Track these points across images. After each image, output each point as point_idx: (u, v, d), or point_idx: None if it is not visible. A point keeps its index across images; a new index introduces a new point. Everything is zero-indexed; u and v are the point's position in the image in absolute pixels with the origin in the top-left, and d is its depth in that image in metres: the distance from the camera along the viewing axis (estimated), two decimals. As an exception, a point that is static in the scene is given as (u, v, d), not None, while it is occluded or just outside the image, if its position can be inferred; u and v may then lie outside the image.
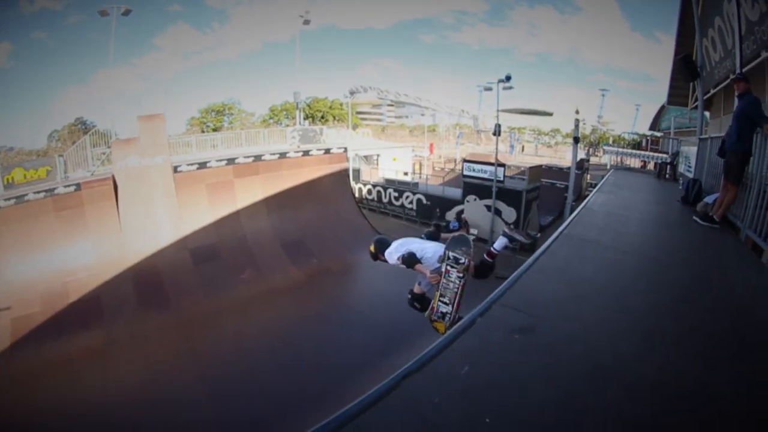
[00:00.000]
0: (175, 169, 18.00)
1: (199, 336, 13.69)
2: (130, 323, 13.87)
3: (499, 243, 5.48)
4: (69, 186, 15.75)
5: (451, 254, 4.86)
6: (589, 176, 36.36)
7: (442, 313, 4.93)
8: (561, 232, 5.53)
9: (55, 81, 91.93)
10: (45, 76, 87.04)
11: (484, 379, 2.26)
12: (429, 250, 5.46)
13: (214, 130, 57.19)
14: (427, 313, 5.35)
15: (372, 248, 5.88)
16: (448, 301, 4.87)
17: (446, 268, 4.90)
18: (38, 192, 15.19)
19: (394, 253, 5.55)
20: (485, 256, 5.41)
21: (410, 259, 5.26)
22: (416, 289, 5.97)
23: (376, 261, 5.93)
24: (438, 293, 5.03)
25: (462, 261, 4.80)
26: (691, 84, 16.13)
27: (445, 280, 4.90)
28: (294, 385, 10.88)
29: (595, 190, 10.94)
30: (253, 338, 13.37)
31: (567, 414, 2.12)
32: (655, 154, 21.70)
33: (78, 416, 9.78)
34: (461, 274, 4.83)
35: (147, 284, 15.42)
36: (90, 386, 11.11)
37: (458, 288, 4.87)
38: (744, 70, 9.45)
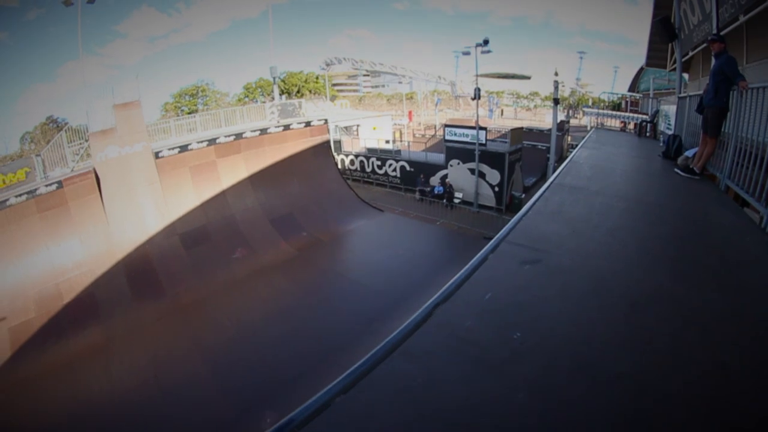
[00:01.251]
0: (157, 155, 17.81)
1: (197, 319, 13.75)
2: (128, 316, 13.82)
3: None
4: (50, 185, 15.46)
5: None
6: (569, 138, 36.74)
7: None
8: (552, 182, 5.74)
9: (20, 81, 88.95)
10: (8, 77, 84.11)
11: (506, 302, 2.50)
12: None
13: (189, 113, 56.20)
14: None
15: None
16: None
17: None
18: (19, 195, 14.84)
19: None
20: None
21: None
22: None
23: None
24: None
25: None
26: (670, 46, 16.25)
27: None
28: (296, 352, 11.15)
29: (578, 146, 11.16)
30: (251, 313, 13.57)
31: (581, 323, 2.39)
32: (635, 115, 21.97)
33: (87, 417, 9.85)
34: None
35: (140, 274, 15.36)
36: (95, 385, 11.12)
37: None
38: (720, 33, 9.62)
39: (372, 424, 1.59)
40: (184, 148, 18.78)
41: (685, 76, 16.84)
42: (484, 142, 22.88)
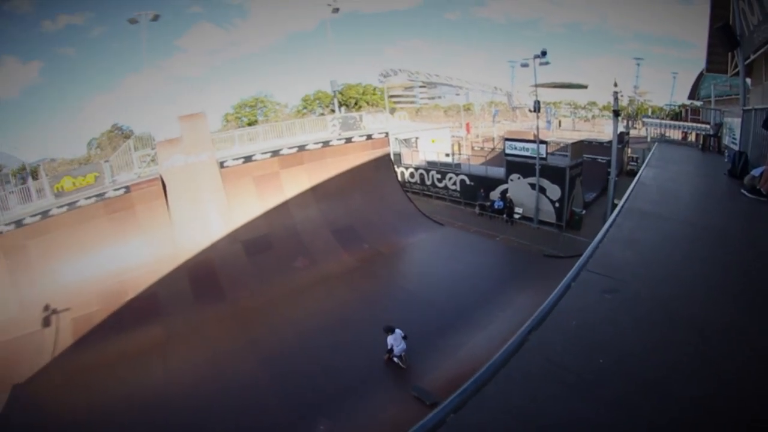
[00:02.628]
0: (221, 165, 18.64)
1: (256, 324, 14.16)
2: (188, 316, 14.41)
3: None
4: (118, 189, 16.54)
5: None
6: (629, 150, 35.65)
7: None
8: (622, 206, 5.80)
9: (84, 91, 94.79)
10: (74, 88, 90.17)
11: (591, 329, 2.76)
12: None
13: (249, 124, 58.13)
14: None
15: None
16: None
17: None
18: (89, 197, 16.02)
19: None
20: None
21: None
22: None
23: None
24: None
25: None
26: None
27: None
28: (354, 362, 11.33)
29: (644, 164, 11.00)
30: (310, 321, 13.84)
31: (655, 350, 2.62)
32: (697, 125, 21.17)
33: (141, 407, 10.31)
34: None
35: (202, 278, 16.01)
36: (152, 378, 11.68)
37: None
38: None
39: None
40: (248, 159, 19.57)
41: (748, 80, 16.04)
42: (544, 156, 22.60)
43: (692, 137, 20.42)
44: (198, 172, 17.79)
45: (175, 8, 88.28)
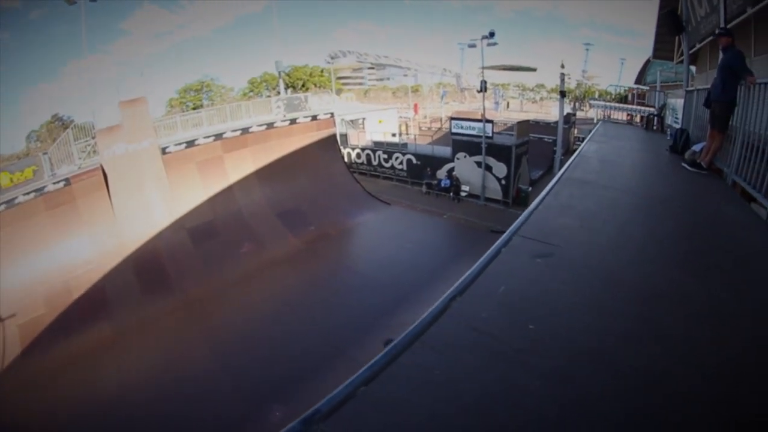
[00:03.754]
0: (164, 151, 17.97)
1: (206, 313, 13.88)
2: (137, 311, 13.96)
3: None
4: (58, 182, 15.61)
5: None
6: (576, 130, 36.61)
7: None
8: (561, 176, 5.76)
9: (24, 80, 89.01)
10: (12, 77, 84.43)
11: (520, 295, 2.57)
12: None
13: (194, 108, 56.32)
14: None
15: None
16: None
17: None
18: (28, 193, 14.99)
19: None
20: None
21: None
22: None
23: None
24: None
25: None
26: (677, 38, 16.10)
27: None
28: (307, 346, 11.24)
29: (586, 139, 11.16)
30: (260, 307, 13.69)
31: (593, 316, 2.46)
32: (642, 108, 21.87)
33: (97, 412, 9.93)
34: None
35: (149, 270, 15.51)
36: (106, 379, 11.22)
37: None
38: (728, 26, 9.54)
39: (396, 413, 1.65)
40: (190, 144, 18.94)
41: (692, 68, 16.71)
42: (490, 135, 22.86)
43: (637, 119, 21.07)
44: (140, 160, 17.06)
45: None
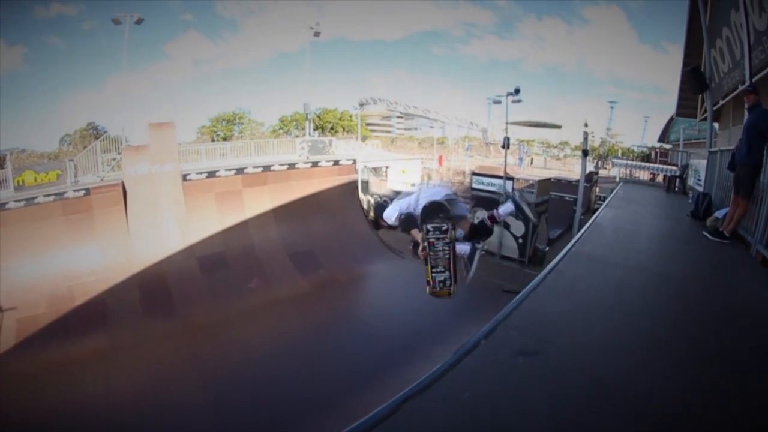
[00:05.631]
0: (184, 177, 18.24)
1: (204, 343, 13.65)
2: (136, 329, 13.88)
3: (505, 209, 5.09)
4: (78, 190, 16.07)
5: (429, 226, 4.14)
6: (598, 189, 36.18)
7: (441, 281, 4.14)
8: (569, 250, 5.47)
9: (67, 85, 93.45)
10: (57, 80, 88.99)
11: (487, 406, 2.19)
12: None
13: (224, 139, 57.66)
14: (427, 290, 4.40)
15: (372, 214, 5.23)
16: (443, 269, 4.11)
17: (430, 241, 4.14)
18: (48, 195, 15.53)
19: (392, 213, 4.96)
20: (486, 218, 5.09)
21: (406, 223, 4.47)
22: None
23: (379, 229, 5.31)
24: (429, 266, 4.23)
25: (444, 228, 4.10)
26: (700, 96, 16.02)
27: (432, 253, 4.14)
28: (299, 394, 10.77)
29: (603, 204, 10.88)
30: (259, 346, 13.34)
31: None
32: (664, 167, 21.61)
33: (78, 417, 9.81)
34: (447, 241, 4.12)
35: (153, 291, 15.50)
36: (92, 389, 11.14)
37: (449, 254, 4.17)
38: (753, 80, 9.37)
39: None
40: (211, 174, 19.15)
41: (716, 125, 16.52)
42: (511, 192, 22.64)
43: (660, 178, 20.77)
44: (160, 183, 17.38)
45: (169, 13, 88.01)
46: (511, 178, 23.15)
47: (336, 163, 22.79)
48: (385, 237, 23.18)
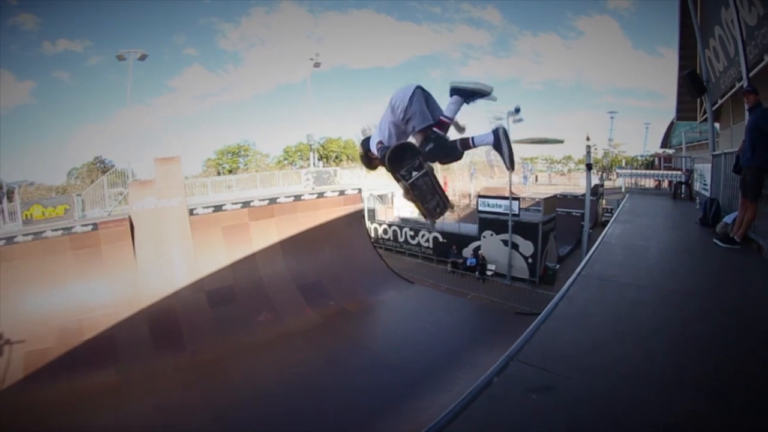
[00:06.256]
0: (191, 212, 18.45)
1: (214, 377, 13.59)
2: (145, 363, 13.94)
3: (482, 138, 3.80)
4: (86, 225, 16.37)
5: (402, 173, 3.93)
6: (604, 201, 36.16)
7: (434, 207, 4.03)
8: (579, 273, 5.35)
9: (74, 119, 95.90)
10: (64, 114, 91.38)
11: None
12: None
13: (230, 171, 58.31)
14: (428, 222, 4.32)
15: (360, 150, 4.55)
16: (431, 196, 4.01)
17: (411, 183, 3.93)
18: (56, 230, 15.86)
19: (373, 143, 4.27)
20: (458, 142, 3.84)
21: (390, 157, 3.91)
22: None
23: (373, 168, 4.55)
24: (418, 203, 4.10)
25: (416, 164, 3.89)
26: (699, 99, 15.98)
27: (417, 191, 3.96)
28: (311, 428, 10.67)
29: (611, 220, 10.74)
30: (270, 380, 13.24)
31: None
32: (669, 172, 21.55)
33: None
34: (424, 172, 3.94)
35: (162, 325, 15.57)
36: (101, 424, 11.17)
37: (430, 181, 4.01)
38: (750, 75, 9.32)
39: None
40: (218, 208, 19.37)
41: (717, 125, 16.39)
42: (517, 212, 22.63)
43: (665, 184, 20.69)
44: (167, 217, 17.64)
45: (172, 47, 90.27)
46: (517, 199, 23.12)
47: (341, 192, 22.94)
48: (394, 264, 23.15)
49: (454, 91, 3.70)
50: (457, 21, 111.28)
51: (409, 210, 31.52)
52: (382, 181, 38.03)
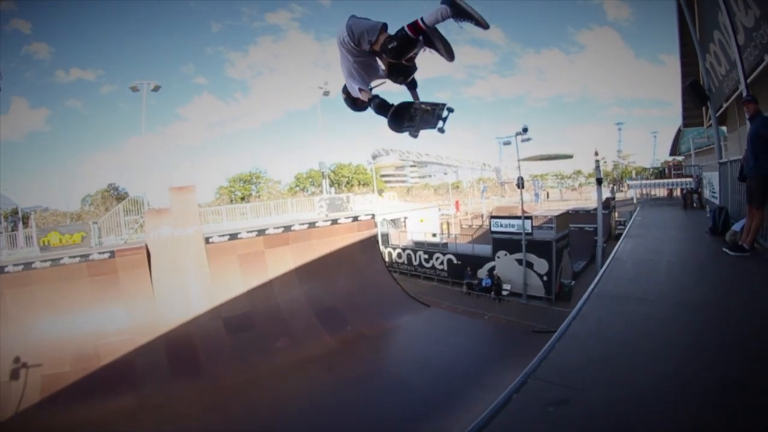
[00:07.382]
0: (207, 240, 18.81)
1: (233, 403, 13.66)
2: (163, 389, 14.07)
3: (431, 14, 3.08)
4: (103, 253, 16.78)
5: (406, 125, 3.99)
6: (617, 214, 36.00)
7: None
8: (592, 291, 5.49)
9: (88, 146, 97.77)
10: (78, 141, 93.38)
11: None
12: None
13: (242, 198, 59.07)
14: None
15: (343, 96, 4.26)
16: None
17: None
18: (73, 256, 16.26)
19: (353, 91, 3.99)
20: (405, 28, 3.17)
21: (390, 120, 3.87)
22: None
23: (361, 108, 4.31)
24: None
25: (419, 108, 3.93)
26: None
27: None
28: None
29: (623, 235, 10.82)
30: (289, 406, 13.27)
31: None
32: (679, 180, 21.54)
33: None
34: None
35: (180, 351, 15.77)
36: None
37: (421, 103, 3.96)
38: (749, 78, 9.34)
39: None
40: (233, 236, 19.71)
41: (723, 129, 16.29)
42: (530, 231, 22.69)
43: (677, 192, 20.64)
44: (183, 246, 17.97)
45: (182, 77, 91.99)
46: (529, 217, 23.20)
47: (355, 219, 23.24)
48: (409, 287, 23.16)
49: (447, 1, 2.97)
50: (461, 42, 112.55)
51: (422, 233, 31.70)
52: (394, 204, 38.37)
